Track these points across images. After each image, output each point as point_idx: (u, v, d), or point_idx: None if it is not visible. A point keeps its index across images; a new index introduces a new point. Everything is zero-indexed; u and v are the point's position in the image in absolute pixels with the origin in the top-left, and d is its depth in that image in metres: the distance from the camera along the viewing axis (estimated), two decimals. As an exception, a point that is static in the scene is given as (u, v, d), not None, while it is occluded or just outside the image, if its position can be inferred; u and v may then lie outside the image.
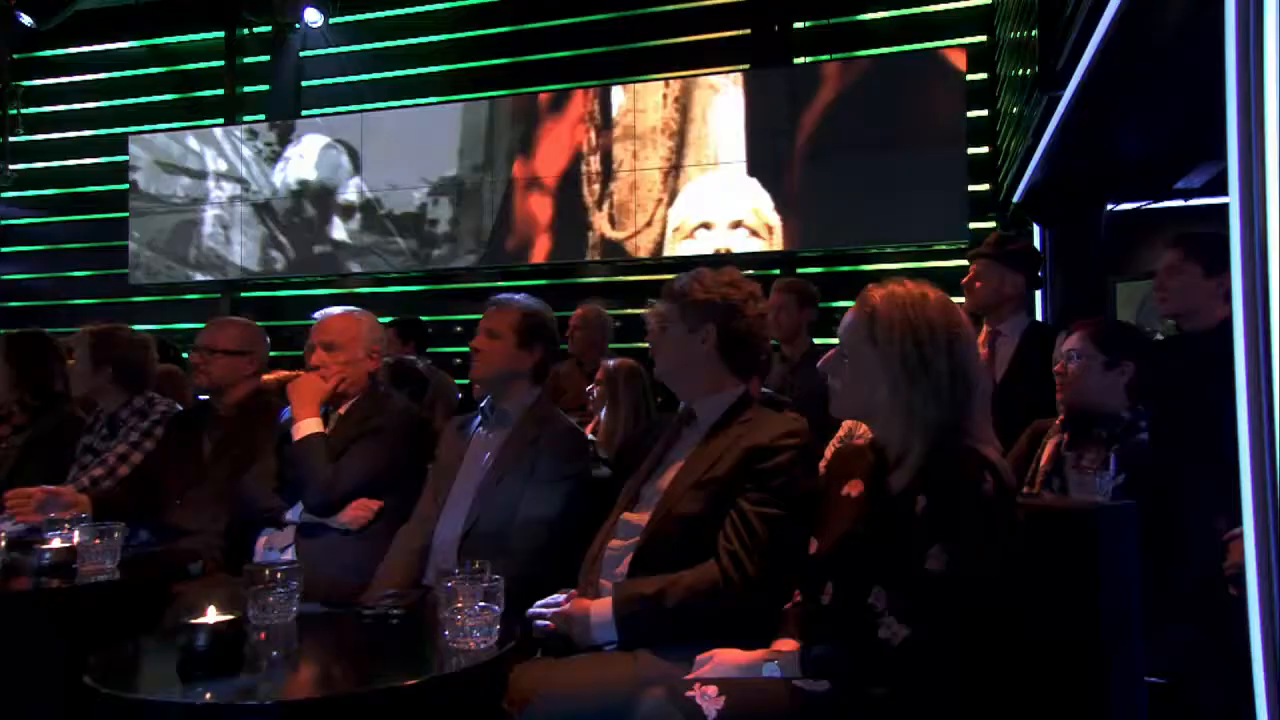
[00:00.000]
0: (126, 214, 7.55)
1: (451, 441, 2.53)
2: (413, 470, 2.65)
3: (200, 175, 7.38)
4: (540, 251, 6.47)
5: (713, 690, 1.38)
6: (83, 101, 7.97)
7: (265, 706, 1.30)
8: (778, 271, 6.09)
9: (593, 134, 6.35)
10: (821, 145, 5.86)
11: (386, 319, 5.52)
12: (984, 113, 5.82)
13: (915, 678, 1.36)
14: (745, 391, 2.01)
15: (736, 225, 6.02)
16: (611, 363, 3.58)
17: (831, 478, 1.75)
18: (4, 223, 8.16)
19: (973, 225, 5.61)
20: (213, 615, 1.40)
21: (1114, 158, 4.54)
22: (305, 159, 7.07)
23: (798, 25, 6.22)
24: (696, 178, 6.13)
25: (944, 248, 5.76)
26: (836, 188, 5.80)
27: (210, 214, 7.37)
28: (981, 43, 5.83)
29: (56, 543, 2.15)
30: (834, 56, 6.05)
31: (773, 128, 5.97)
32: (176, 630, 1.43)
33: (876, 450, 1.62)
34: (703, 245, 6.10)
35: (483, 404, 2.50)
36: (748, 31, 6.26)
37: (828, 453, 2.34)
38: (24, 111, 7.93)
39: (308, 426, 2.55)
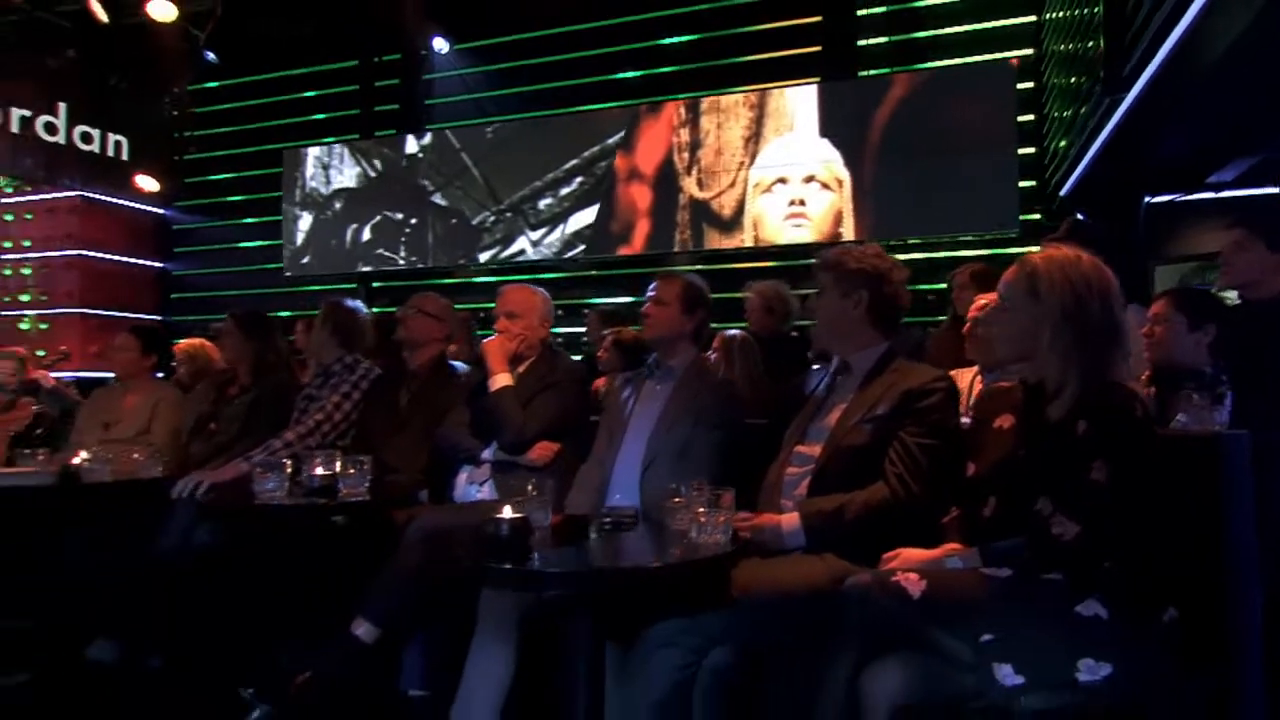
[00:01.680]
0: (280, 217, 7.85)
1: (618, 396, 2.65)
2: (583, 418, 2.81)
3: (341, 183, 7.64)
4: (639, 238, 6.61)
5: (914, 576, 1.49)
6: (242, 123, 8.24)
7: (577, 573, 1.44)
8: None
9: (683, 110, 6.53)
10: (886, 148, 5.93)
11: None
12: (1030, 117, 5.80)
13: (1086, 565, 1.46)
14: (890, 346, 2.11)
15: (809, 179, 6.13)
16: (729, 333, 3.69)
17: (981, 414, 1.85)
18: (177, 227, 8.48)
19: (1021, 218, 5.65)
20: (508, 513, 1.55)
21: (1158, 154, 4.52)
22: (431, 167, 7.28)
23: (862, 42, 6.24)
24: (773, 140, 6.23)
25: (995, 237, 5.79)
26: (901, 185, 5.87)
27: (349, 216, 7.64)
28: (1029, 55, 5.81)
29: (321, 470, 2.32)
30: (896, 70, 6.09)
31: (843, 133, 6.06)
32: (482, 524, 1.57)
33: (1028, 388, 1.71)
34: (779, 199, 6.21)
35: (649, 361, 2.62)
36: (819, 49, 6.30)
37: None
38: (196, 133, 8.26)
39: (501, 380, 2.69)
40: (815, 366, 4.17)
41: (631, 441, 2.46)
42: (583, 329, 5.52)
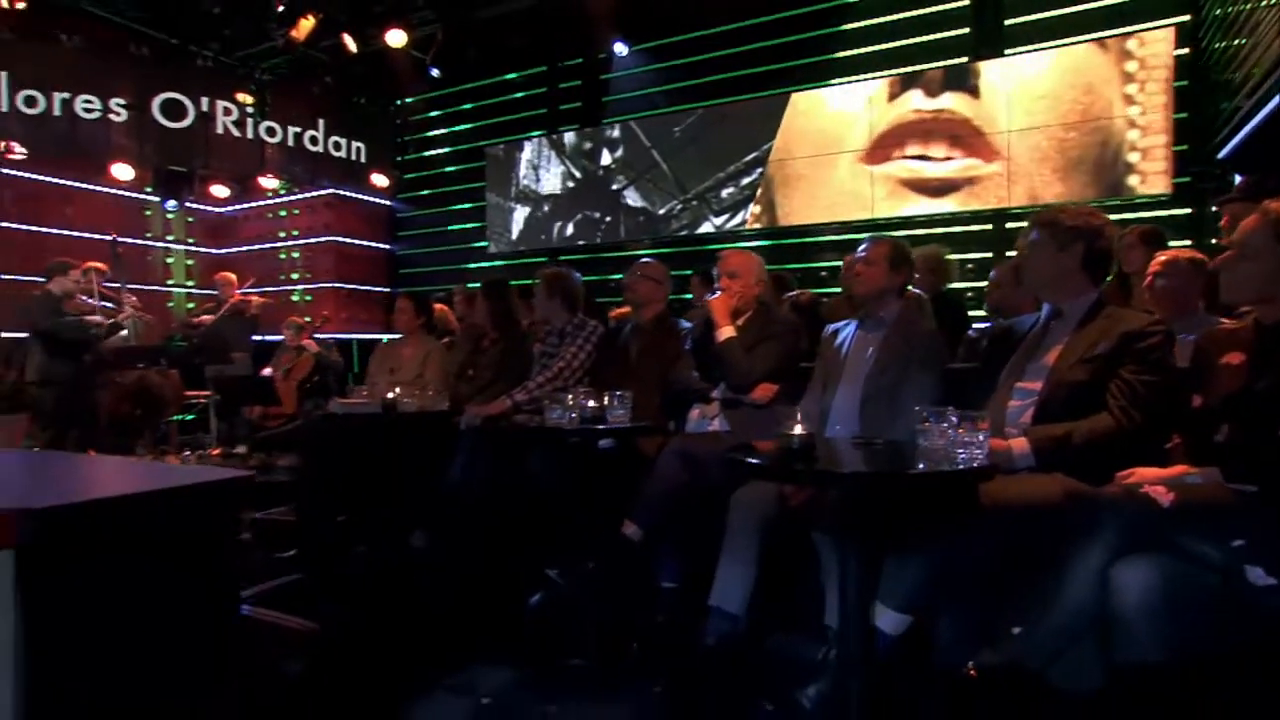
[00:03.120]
0: (483, 203, 8.29)
1: (830, 343, 2.71)
2: (796, 364, 2.90)
3: (548, 188, 7.93)
4: (805, 207, 6.57)
5: (1162, 489, 1.50)
6: (447, 125, 8.68)
7: (860, 474, 1.55)
8: (989, 226, 5.96)
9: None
10: (1038, 118, 5.62)
11: (688, 271, 5.85)
12: (1184, 82, 5.31)
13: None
14: (1100, 294, 2.07)
15: (959, 138, 5.91)
16: (910, 291, 3.65)
17: (1206, 352, 1.80)
18: (400, 215, 9.11)
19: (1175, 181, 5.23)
20: (797, 429, 1.67)
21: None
22: (627, 165, 7.45)
23: (1009, 22, 5.88)
24: (922, 99, 6.03)
25: (1144, 200, 5.38)
26: (1051, 153, 5.55)
27: (542, 200, 7.97)
28: (1185, 21, 5.30)
29: (592, 402, 2.53)
30: (1045, 46, 5.71)
31: (992, 100, 5.76)
32: (779, 438, 1.70)
33: (1262, 327, 1.65)
34: (930, 160, 6.00)
35: (859, 314, 2.67)
36: (967, 30, 5.99)
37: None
38: (412, 137, 8.82)
39: (726, 332, 2.81)
40: (979, 326, 4.09)
41: (847, 382, 2.53)
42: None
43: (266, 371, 6.17)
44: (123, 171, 7.30)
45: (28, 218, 7.36)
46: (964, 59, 5.95)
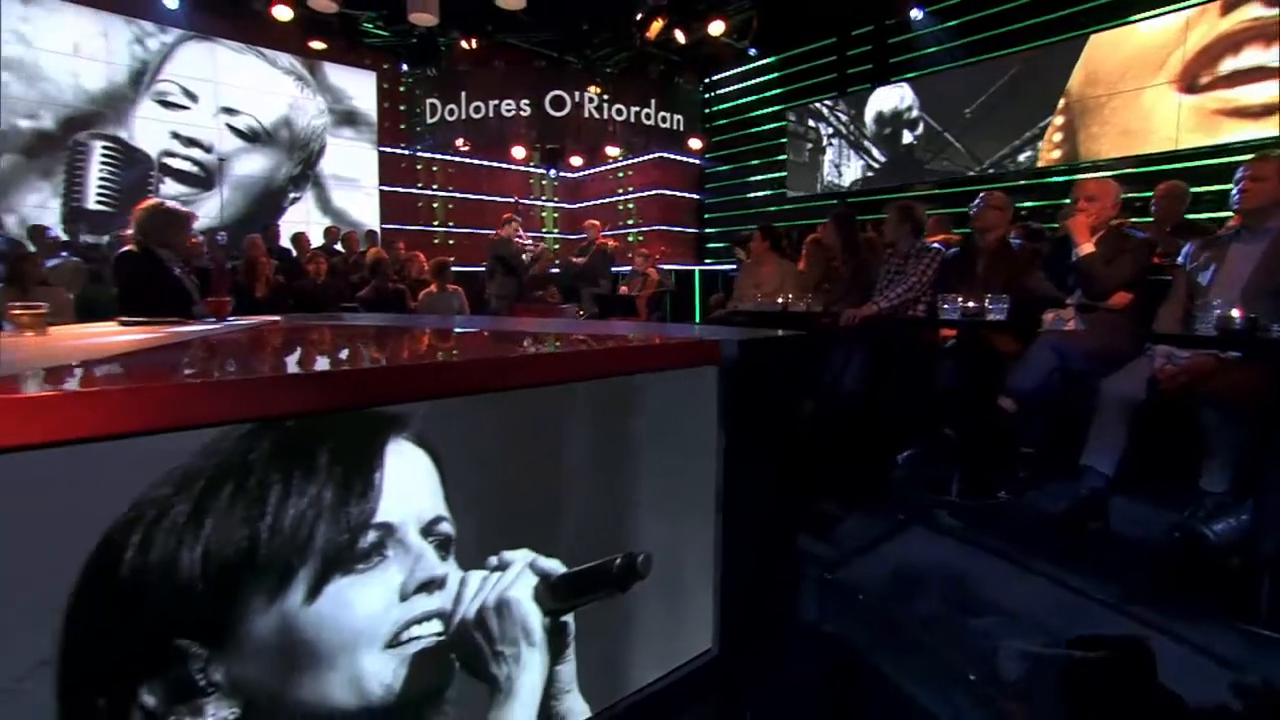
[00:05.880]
0: (785, 156, 8.40)
1: (1199, 256, 2.54)
2: (1146, 275, 2.77)
3: (828, 128, 7.87)
4: (1104, 147, 5.80)
5: None
6: (750, 95, 8.85)
7: None
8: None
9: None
10: None
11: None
12: None
13: None
14: None
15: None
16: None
17: None
18: (708, 170, 9.53)
19: None
20: (1236, 314, 1.72)
21: None
22: (925, 147, 7.10)
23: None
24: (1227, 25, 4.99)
25: None
26: None
27: (831, 152, 7.89)
28: None
29: (972, 303, 2.68)
30: None
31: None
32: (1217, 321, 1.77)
33: None
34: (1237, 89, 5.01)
35: (1241, 225, 2.46)
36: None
37: None
38: (718, 108, 9.10)
39: (1086, 248, 2.75)
40: None
41: (1225, 287, 2.38)
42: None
43: (623, 290, 7.09)
44: (518, 152, 8.60)
45: (473, 189, 9.05)
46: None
